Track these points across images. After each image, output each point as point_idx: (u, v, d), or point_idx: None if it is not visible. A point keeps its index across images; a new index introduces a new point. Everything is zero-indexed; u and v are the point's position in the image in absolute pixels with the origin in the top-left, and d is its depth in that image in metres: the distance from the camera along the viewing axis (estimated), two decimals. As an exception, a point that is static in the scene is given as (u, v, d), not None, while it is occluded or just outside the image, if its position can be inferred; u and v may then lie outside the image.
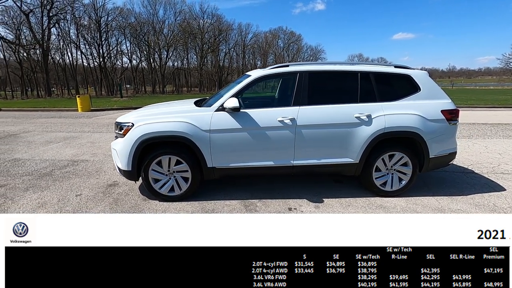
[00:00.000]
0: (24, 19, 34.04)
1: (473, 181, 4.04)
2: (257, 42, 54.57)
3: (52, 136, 7.35)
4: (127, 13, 40.93)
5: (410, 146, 3.41)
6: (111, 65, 42.59)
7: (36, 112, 13.88)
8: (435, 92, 3.44)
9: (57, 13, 35.36)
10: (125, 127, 3.29)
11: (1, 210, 3.16)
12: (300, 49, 62.50)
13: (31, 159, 5.18)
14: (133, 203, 3.33)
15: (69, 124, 9.41)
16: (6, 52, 38.50)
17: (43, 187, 3.83)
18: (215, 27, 45.47)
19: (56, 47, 39.80)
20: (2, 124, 9.67)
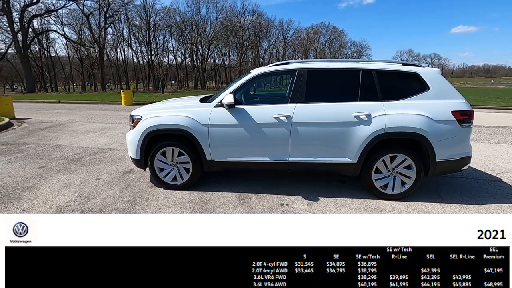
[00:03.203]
0: (85, 21, 37.78)
1: (496, 190, 3.68)
2: (298, 38, 53.90)
3: (92, 126, 8.21)
4: (173, 13, 43.25)
5: (414, 148, 3.23)
6: (158, 62, 45.38)
7: (87, 104, 15.48)
8: (446, 92, 3.20)
9: (112, 14, 38.61)
10: (135, 119, 3.62)
11: (34, 188, 3.70)
12: (343, 45, 60.37)
13: (69, 145, 5.88)
14: (141, 189, 3.65)
15: (109, 116, 10.38)
16: (70, 51, 43.14)
17: (72, 170, 4.37)
18: (255, 24, 45.95)
19: (111, 45, 43.56)
20: (57, 114, 10.99)
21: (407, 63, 3.39)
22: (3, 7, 30.44)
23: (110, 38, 42.65)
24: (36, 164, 4.62)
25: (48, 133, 7.15)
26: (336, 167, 3.34)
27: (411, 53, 75.72)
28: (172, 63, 48.70)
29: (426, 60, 77.13)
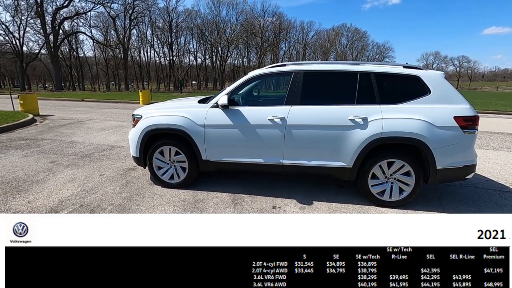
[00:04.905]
0: (111, 23, 39.40)
1: (505, 201, 3.45)
2: (318, 40, 53.33)
3: (107, 124, 8.54)
4: (194, 15, 44.21)
5: (413, 154, 3.10)
6: (179, 63, 46.50)
7: (107, 103, 16.12)
8: (449, 96, 3.04)
9: (137, 16, 40.02)
10: (136, 118, 3.73)
11: (42, 181, 3.90)
12: (365, 47, 59.07)
13: (82, 142, 6.15)
14: (140, 186, 3.75)
15: (125, 115, 10.75)
16: (97, 51, 45.17)
17: (80, 165, 4.56)
18: (275, 25, 45.93)
19: (135, 46, 45.18)
20: (77, 112, 11.53)
21: (409, 65, 3.26)
22: (37, 10, 32.44)
23: (134, 40, 44.36)
24: (49, 159, 4.87)
25: (66, 130, 7.52)
26: (331, 171, 3.27)
27: (437, 55, 72.61)
28: (192, 64, 49.79)
29: (454, 63, 73.65)
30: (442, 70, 4.27)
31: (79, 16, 37.52)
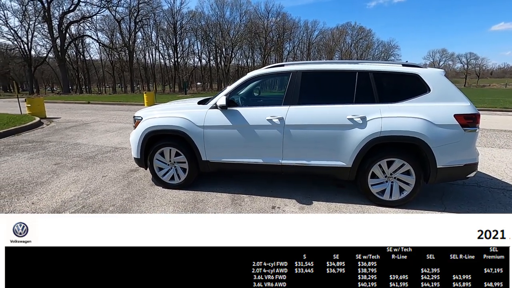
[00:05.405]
0: (117, 26, 39.86)
1: (510, 200, 3.39)
2: (323, 39, 53.12)
3: (112, 126, 8.64)
4: (198, 16, 44.46)
5: (413, 153, 3.07)
6: (184, 64, 46.80)
7: (112, 105, 16.31)
8: (449, 94, 3.01)
9: (142, 19, 40.41)
10: (137, 119, 3.77)
11: (46, 183, 3.97)
12: (371, 46, 58.62)
13: (87, 144, 6.24)
14: (141, 187, 3.79)
15: (129, 117, 10.87)
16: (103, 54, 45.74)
17: (83, 167, 4.63)
18: (279, 25, 45.88)
19: (140, 49, 45.62)
20: (83, 114, 11.70)
21: (408, 64, 3.23)
22: (44, 15, 33.02)
23: (140, 42, 44.80)
24: (53, 161, 4.95)
25: (71, 132, 7.63)
26: (330, 170, 3.26)
27: (444, 52, 71.60)
28: (197, 65, 50.04)
29: (461, 60, 72.54)
30: (449, 68, 4.22)
31: (85, 20, 38.10)
